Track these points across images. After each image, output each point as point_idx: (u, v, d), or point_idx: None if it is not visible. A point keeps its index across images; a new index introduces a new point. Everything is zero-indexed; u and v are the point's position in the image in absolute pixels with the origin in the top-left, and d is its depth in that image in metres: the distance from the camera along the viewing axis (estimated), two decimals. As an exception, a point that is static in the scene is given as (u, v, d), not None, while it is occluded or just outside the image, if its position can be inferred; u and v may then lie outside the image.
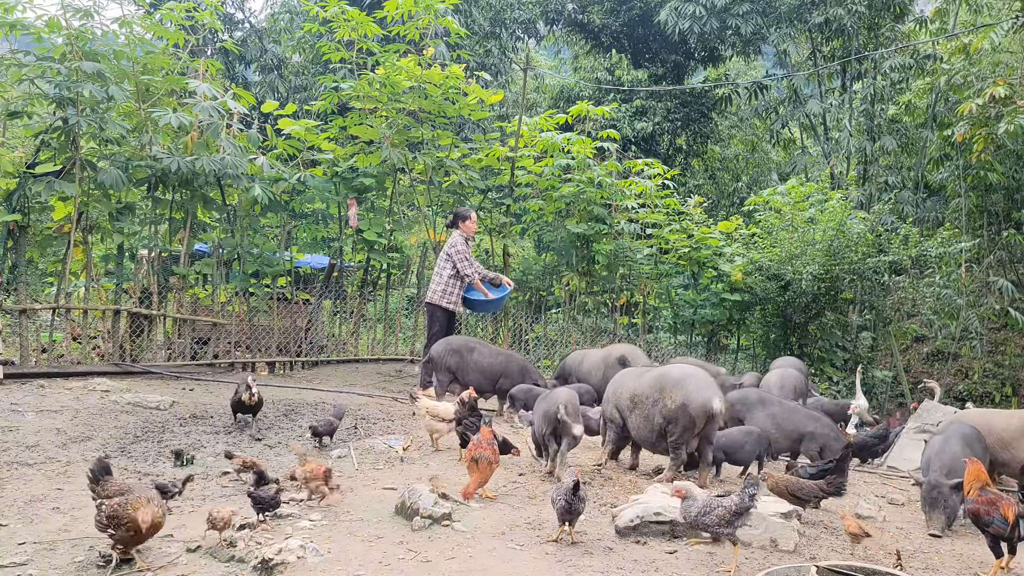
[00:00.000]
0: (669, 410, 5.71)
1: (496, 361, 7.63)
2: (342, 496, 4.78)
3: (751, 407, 7.07)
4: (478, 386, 7.56)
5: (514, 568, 3.89)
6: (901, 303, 13.81)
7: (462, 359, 7.65)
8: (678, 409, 5.67)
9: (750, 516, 4.13)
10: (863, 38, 17.26)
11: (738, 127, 23.78)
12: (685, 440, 5.73)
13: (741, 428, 6.49)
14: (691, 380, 5.81)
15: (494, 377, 7.60)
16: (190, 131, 8.53)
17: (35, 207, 8.34)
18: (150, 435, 6.13)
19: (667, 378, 5.89)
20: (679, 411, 5.66)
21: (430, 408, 5.91)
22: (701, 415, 5.65)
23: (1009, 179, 14.42)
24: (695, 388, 5.73)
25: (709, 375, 6.05)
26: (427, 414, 5.89)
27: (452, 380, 7.68)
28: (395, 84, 9.60)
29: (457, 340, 7.98)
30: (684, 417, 5.65)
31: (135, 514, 3.62)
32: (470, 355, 7.65)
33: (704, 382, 5.82)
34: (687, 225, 11.74)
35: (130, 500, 3.69)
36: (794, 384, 8.41)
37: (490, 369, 7.58)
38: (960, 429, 6.06)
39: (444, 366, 7.72)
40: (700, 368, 6.35)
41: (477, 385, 7.45)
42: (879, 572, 3.92)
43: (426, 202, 10.98)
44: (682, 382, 5.80)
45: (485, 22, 18.49)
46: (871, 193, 16.41)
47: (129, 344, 8.46)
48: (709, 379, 5.92)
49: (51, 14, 8.03)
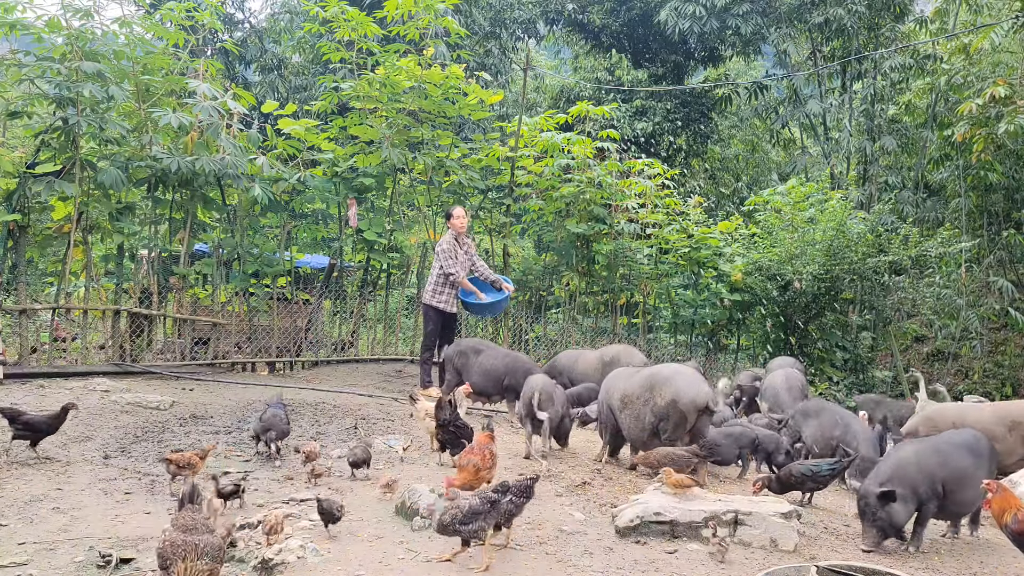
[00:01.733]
0: (660, 408, 5.79)
1: (500, 363, 7.58)
2: (341, 496, 4.78)
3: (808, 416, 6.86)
4: (482, 388, 7.56)
5: (514, 568, 3.89)
6: (901, 303, 13.80)
7: (467, 361, 7.64)
8: (668, 406, 5.77)
9: (493, 516, 3.83)
10: (863, 38, 17.26)
11: (738, 127, 23.77)
12: (678, 437, 5.79)
13: (721, 429, 6.47)
14: (680, 377, 5.91)
15: (498, 378, 7.56)
16: (190, 131, 8.53)
17: (35, 207, 8.33)
18: (150, 435, 6.14)
19: (656, 376, 5.99)
20: (670, 407, 5.77)
21: (429, 410, 5.90)
22: (692, 410, 5.74)
23: (1009, 179, 14.41)
24: (684, 384, 5.82)
25: (698, 373, 6.16)
26: (426, 416, 5.88)
27: (458, 382, 7.68)
28: (395, 84, 9.60)
29: (467, 342, 7.98)
30: (675, 413, 5.74)
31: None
32: (476, 357, 7.64)
33: (693, 378, 5.92)
34: (687, 225, 11.73)
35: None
36: (800, 384, 8.32)
37: (493, 371, 7.54)
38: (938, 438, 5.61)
39: (452, 367, 7.73)
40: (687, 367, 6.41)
41: (481, 387, 7.44)
42: (879, 572, 3.92)
43: (426, 202, 10.98)
44: (671, 379, 5.90)
45: (485, 22, 18.49)
46: (871, 193, 16.41)
47: (129, 344, 8.46)
48: (698, 376, 6.02)
49: (51, 14, 8.05)
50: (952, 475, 4.95)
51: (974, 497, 4.99)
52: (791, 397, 7.88)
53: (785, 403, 7.84)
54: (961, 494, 4.97)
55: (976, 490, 4.81)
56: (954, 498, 4.97)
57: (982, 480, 4.66)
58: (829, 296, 11.81)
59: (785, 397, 7.93)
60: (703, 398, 5.79)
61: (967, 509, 5.23)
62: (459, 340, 8.11)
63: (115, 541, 3.96)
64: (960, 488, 4.95)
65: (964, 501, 5.07)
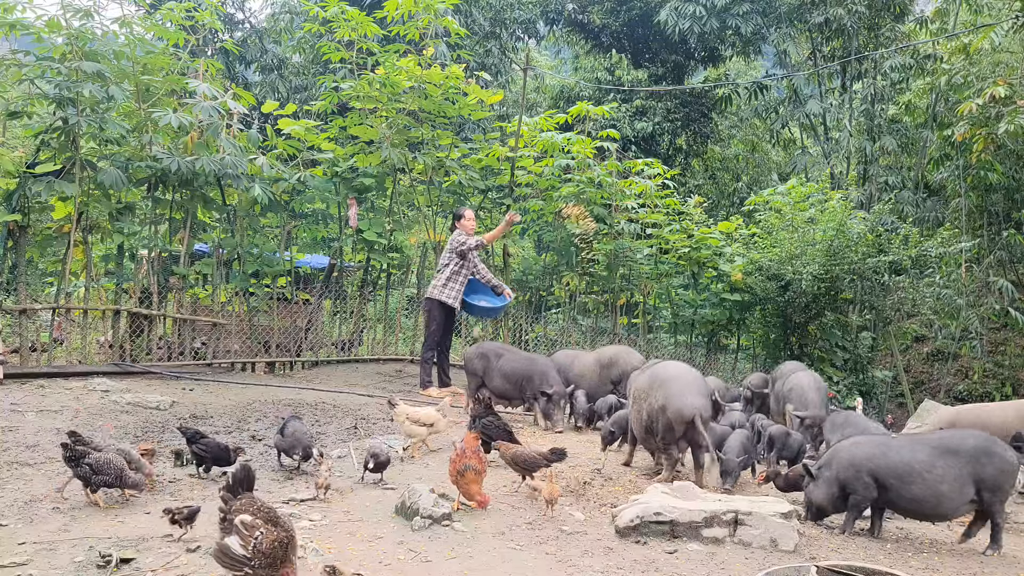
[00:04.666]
0: (653, 408, 5.67)
1: (520, 366, 7.56)
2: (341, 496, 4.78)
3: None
4: (503, 391, 7.57)
5: (514, 568, 3.89)
6: (901, 303, 13.78)
7: (488, 364, 7.63)
8: (658, 410, 5.63)
9: None
10: (863, 38, 17.26)
11: (738, 127, 23.77)
12: (670, 441, 5.64)
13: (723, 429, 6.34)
14: (675, 383, 5.64)
15: (518, 382, 7.54)
16: (190, 131, 8.53)
17: (35, 207, 8.33)
18: (150, 435, 6.13)
19: (657, 376, 5.80)
20: (659, 412, 5.62)
21: (410, 414, 5.89)
22: (678, 420, 5.53)
23: (1009, 179, 14.41)
24: (676, 392, 5.58)
25: (702, 378, 5.86)
26: (407, 420, 5.86)
27: (480, 385, 7.69)
28: (395, 84, 9.60)
29: (488, 346, 7.97)
30: (663, 418, 5.59)
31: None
32: (496, 360, 7.63)
33: (688, 386, 5.61)
34: (687, 225, 11.74)
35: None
36: (826, 388, 7.91)
37: (513, 374, 7.52)
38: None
39: (472, 370, 7.74)
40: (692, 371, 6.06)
41: (501, 390, 7.44)
42: (879, 572, 3.92)
43: (426, 202, 10.98)
44: (667, 383, 5.67)
45: (485, 22, 18.49)
46: (871, 193, 16.40)
47: (129, 344, 8.46)
48: (696, 384, 5.69)
49: (51, 14, 8.03)
50: (889, 469, 4.95)
51: (926, 495, 4.86)
52: (820, 398, 7.58)
53: (813, 403, 7.50)
54: (903, 490, 4.91)
55: (932, 489, 4.82)
56: (898, 493, 4.93)
57: (944, 479, 4.76)
58: (829, 296, 11.82)
59: (814, 397, 7.58)
60: (690, 411, 5.47)
61: (920, 507, 4.98)
62: (480, 343, 8.13)
63: (115, 541, 3.96)
64: (903, 484, 4.91)
65: (911, 497, 4.91)
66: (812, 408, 7.38)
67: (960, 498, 4.88)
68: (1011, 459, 4.93)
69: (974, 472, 4.86)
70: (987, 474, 4.86)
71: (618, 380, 7.96)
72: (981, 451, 4.93)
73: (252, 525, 3.10)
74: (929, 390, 14.81)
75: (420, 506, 4.44)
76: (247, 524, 3.09)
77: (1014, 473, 4.96)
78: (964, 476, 4.86)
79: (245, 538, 3.06)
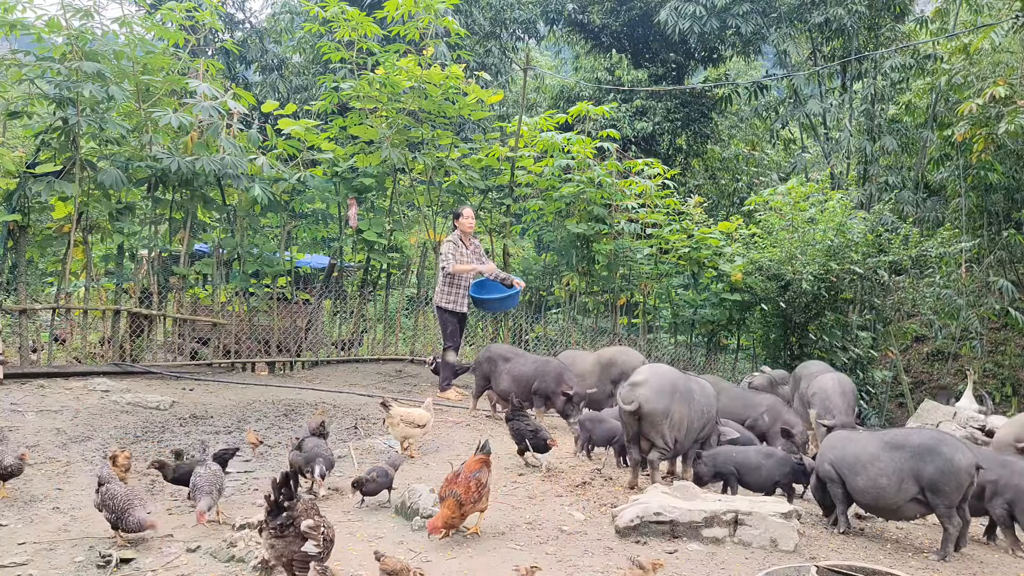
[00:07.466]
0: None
1: (529, 369, 7.51)
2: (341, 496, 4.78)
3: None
4: (509, 393, 7.55)
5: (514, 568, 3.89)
6: (901, 303, 13.80)
7: (496, 367, 7.61)
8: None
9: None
10: (863, 38, 17.26)
11: (738, 127, 23.76)
12: (636, 433, 5.46)
13: (761, 449, 5.92)
14: (639, 374, 5.57)
15: (527, 384, 7.48)
16: (190, 131, 8.53)
17: (35, 207, 8.33)
18: (150, 435, 6.14)
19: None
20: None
21: (404, 416, 5.89)
22: (627, 413, 5.38)
23: (1009, 179, 14.43)
24: (631, 381, 5.50)
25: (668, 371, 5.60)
26: (401, 422, 5.86)
27: (486, 387, 7.69)
28: (395, 84, 9.60)
29: (496, 349, 7.95)
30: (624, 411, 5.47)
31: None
32: (505, 364, 7.60)
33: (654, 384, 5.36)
34: (687, 225, 11.73)
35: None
36: (852, 390, 7.55)
37: (522, 377, 7.46)
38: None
39: (480, 372, 7.75)
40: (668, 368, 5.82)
41: (508, 392, 7.43)
42: (879, 572, 3.92)
43: (426, 202, 10.97)
44: (634, 373, 5.68)
45: (485, 22, 18.48)
46: (871, 193, 16.40)
47: (129, 344, 8.46)
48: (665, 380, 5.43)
49: (51, 14, 8.04)
50: (843, 460, 5.08)
51: (867, 486, 4.90)
52: (845, 403, 7.24)
53: (839, 409, 7.16)
54: (851, 480, 4.99)
55: (873, 482, 4.87)
56: (850, 484, 5.01)
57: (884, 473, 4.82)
58: (829, 296, 11.82)
59: (839, 402, 7.24)
60: (631, 406, 5.27)
61: (862, 498, 4.99)
62: (489, 346, 8.11)
63: (115, 541, 3.96)
64: (851, 475, 4.99)
65: (855, 488, 4.96)
66: (838, 414, 7.06)
67: (901, 494, 4.80)
68: (956, 461, 4.70)
69: (915, 469, 4.78)
70: (927, 473, 4.74)
71: (618, 380, 7.95)
72: (925, 449, 4.79)
73: (315, 525, 3.44)
74: (929, 390, 14.82)
75: (420, 506, 4.44)
76: (312, 527, 3.44)
77: (956, 476, 4.69)
78: (905, 471, 4.79)
79: (315, 538, 3.41)
